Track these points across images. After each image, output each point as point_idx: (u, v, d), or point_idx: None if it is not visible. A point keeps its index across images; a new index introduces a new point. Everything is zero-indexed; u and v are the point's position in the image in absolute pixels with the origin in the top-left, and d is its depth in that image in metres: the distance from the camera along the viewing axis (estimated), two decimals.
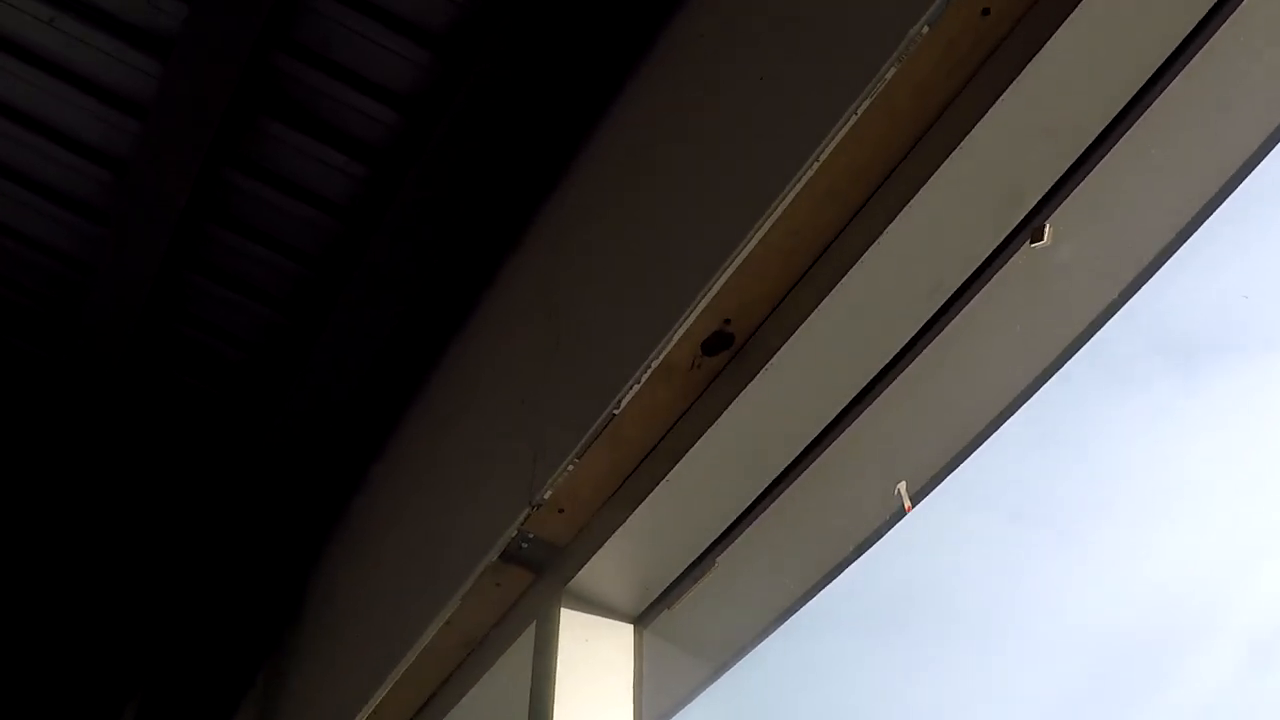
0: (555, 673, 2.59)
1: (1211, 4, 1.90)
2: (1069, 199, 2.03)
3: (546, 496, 2.67)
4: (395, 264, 4.03)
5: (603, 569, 2.70)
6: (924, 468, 2.31)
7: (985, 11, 2.00)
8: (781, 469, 2.45)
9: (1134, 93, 1.97)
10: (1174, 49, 1.94)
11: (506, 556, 2.86)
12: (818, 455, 2.40)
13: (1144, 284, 2.13)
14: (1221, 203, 2.05)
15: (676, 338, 2.37)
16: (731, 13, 2.73)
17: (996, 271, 2.11)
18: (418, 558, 3.42)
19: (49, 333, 4.66)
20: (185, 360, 4.64)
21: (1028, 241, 2.05)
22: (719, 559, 2.62)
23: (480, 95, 3.63)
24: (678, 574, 2.69)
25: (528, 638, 2.82)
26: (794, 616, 2.51)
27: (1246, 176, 2.02)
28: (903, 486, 2.25)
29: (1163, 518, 1.90)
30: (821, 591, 2.59)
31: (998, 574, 2.12)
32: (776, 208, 2.18)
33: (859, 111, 2.06)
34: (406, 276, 4.01)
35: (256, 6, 3.61)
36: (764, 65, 2.45)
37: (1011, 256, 2.09)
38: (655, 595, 2.74)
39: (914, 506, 2.22)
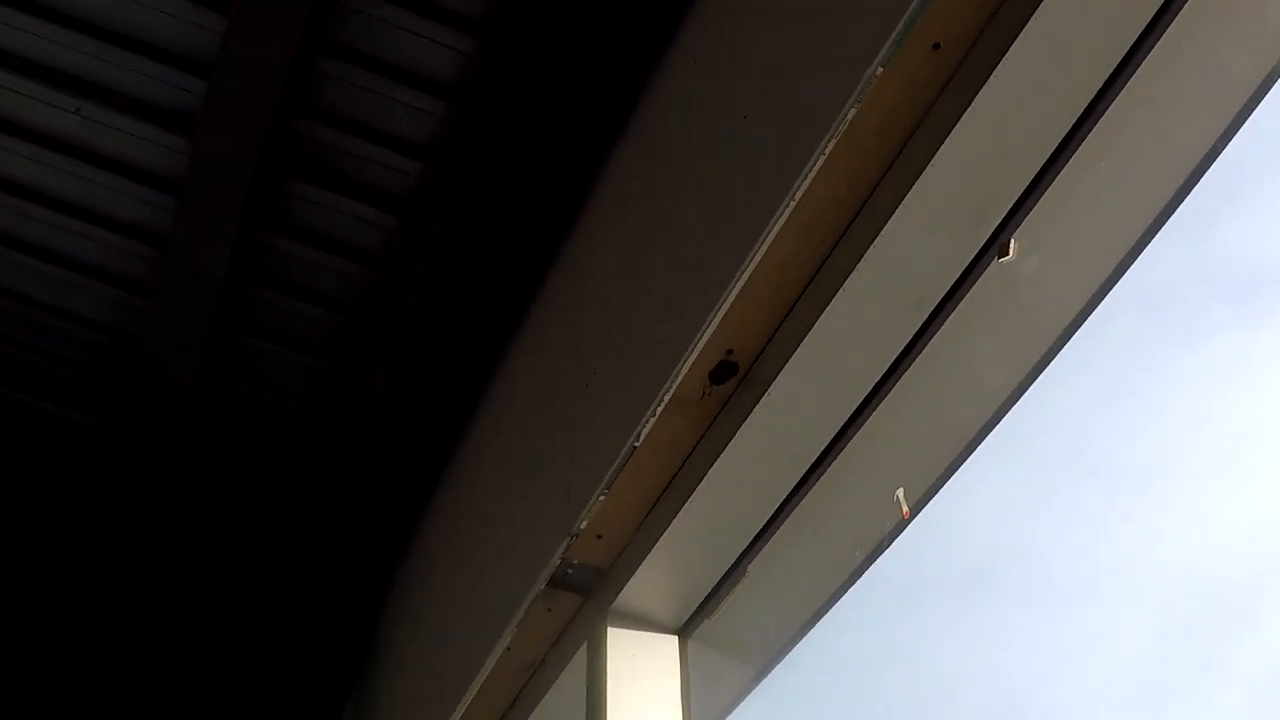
0: (606, 689, 2.75)
1: (1149, 19, 2.02)
2: (1030, 215, 2.16)
3: (583, 526, 2.83)
4: (431, 310, 4.19)
5: (643, 587, 2.86)
6: (921, 473, 2.45)
7: (936, 46, 2.14)
8: (796, 480, 2.60)
9: (1081, 109, 2.10)
10: (1116, 65, 2.06)
11: (554, 583, 3.02)
12: (827, 466, 2.54)
13: (1113, 285, 2.26)
14: (1181, 200, 2.17)
15: (684, 371, 2.52)
16: (714, 59, 2.88)
17: (971, 286, 2.24)
18: (474, 589, 3.59)
19: (105, 404, 4.84)
20: (240, 415, 4.81)
21: (996, 257, 2.19)
22: (750, 567, 2.77)
23: (493, 142, 3.79)
24: (713, 585, 2.84)
25: (580, 658, 2.98)
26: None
27: (1202, 175, 2.14)
28: (901, 493, 2.39)
29: (1237, 463, 1.92)
30: (864, 575, 2.72)
31: (1077, 531, 2.16)
32: (762, 243, 2.32)
33: (827, 151, 2.20)
34: (444, 320, 4.18)
35: (272, 79, 3.77)
36: (746, 106, 2.60)
37: (984, 271, 2.22)
38: (695, 606, 2.90)
39: (912, 513, 2.35)
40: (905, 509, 2.36)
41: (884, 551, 2.67)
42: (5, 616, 5.20)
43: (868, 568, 2.71)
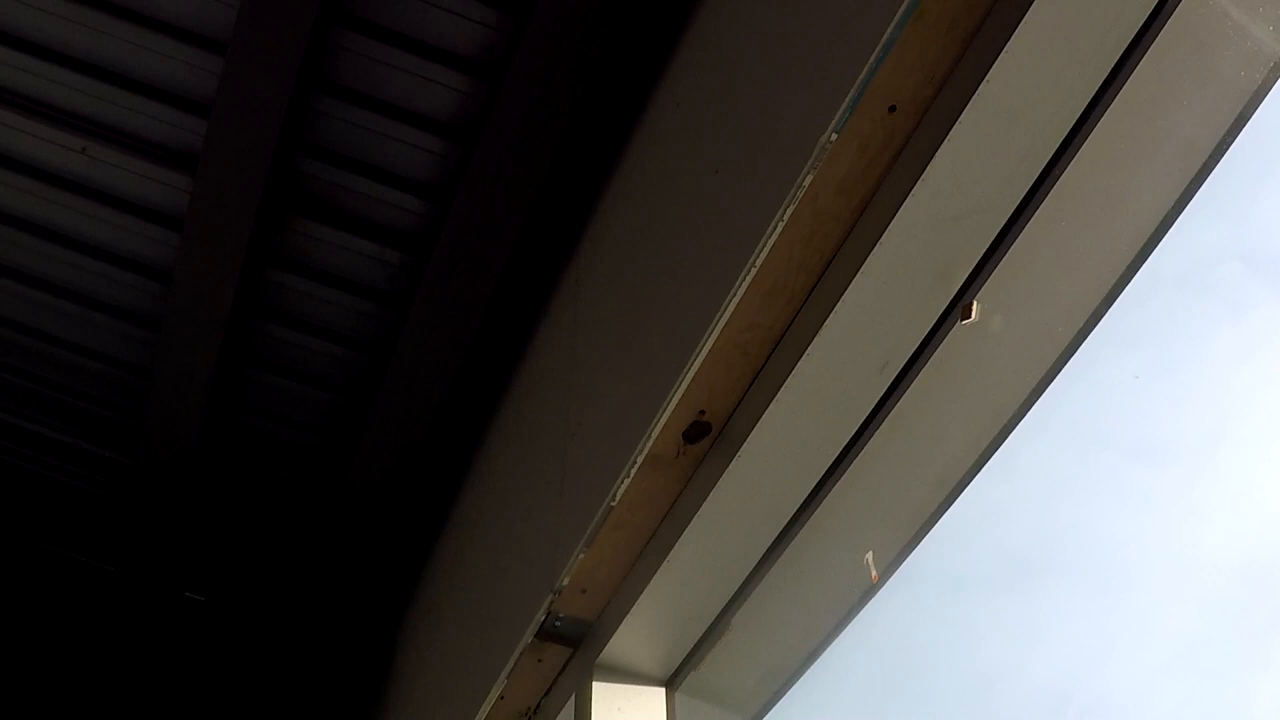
0: None
1: (1104, 77, 1.97)
2: (992, 276, 2.11)
3: (565, 582, 2.80)
4: (432, 345, 4.17)
5: (627, 641, 2.82)
6: (896, 530, 2.41)
7: (892, 108, 2.08)
8: (773, 537, 2.56)
9: (1040, 168, 2.04)
10: (1073, 123, 2.01)
11: (544, 635, 2.99)
12: (803, 522, 2.50)
13: (1082, 342, 2.21)
14: (1144, 261, 2.12)
15: (656, 432, 2.48)
16: (691, 115, 2.85)
17: (935, 349, 2.18)
18: (472, 636, 3.56)
19: (121, 436, 4.84)
20: (252, 447, 4.80)
21: (959, 319, 2.13)
22: (733, 620, 2.73)
23: (489, 184, 3.75)
24: (698, 638, 2.81)
25: (569, 709, 2.94)
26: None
27: (1167, 229, 2.09)
28: (870, 557, 2.35)
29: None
30: (851, 622, 2.69)
31: (1123, 515, 2.12)
32: (726, 308, 2.28)
33: (785, 216, 2.15)
34: (445, 355, 4.15)
35: (270, 118, 3.75)
36: (717, 165, 2.56)
37: (947, 333, 2.16)
38: (681, 659, 2.86)
39: (880, 576, 2.30)
40: (874, 573, 2.32)
41: (867, 603, 2.65)
42: (28, 644, 5.22)
43: (851, 619, 2.69)
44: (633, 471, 2.52)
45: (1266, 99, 1.98)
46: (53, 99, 4.00)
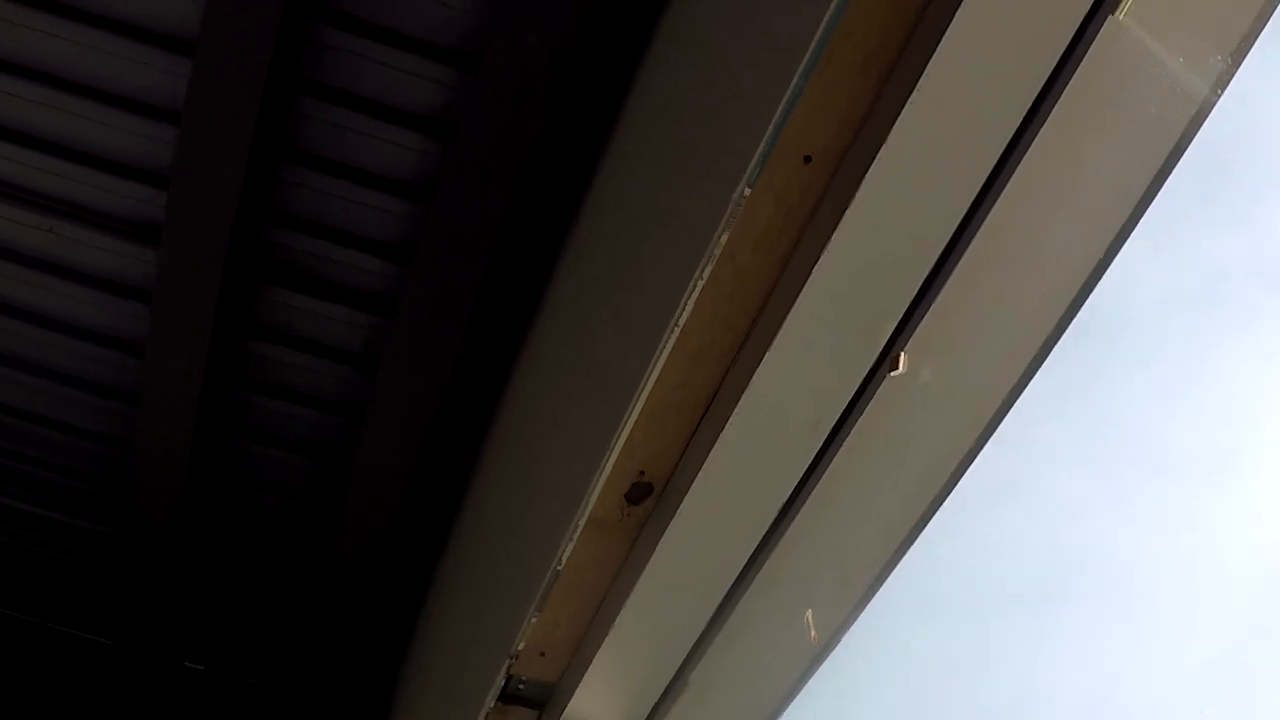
0: None
1: (1023, 114, 1.90)
2: (920, 326, 2.03)
3: (520, 646, 2.72)
4: (403, 408, 4.10)
5: (589, 702, 2.75)
6: (844, 583, 2.34)
7: (807, 159, 2.01)
8: (722, 594, 2.49)
9: (963, 212, 1.97)
10: (993, 165, 1.94)
11: (507, 698, 2.90)
12: (751, 578, 2.43)
13: (1024, 387, 2.13)
14: (1083, 302, 2.05)
15: (595, 495, 2.41)
16: (628, 177, 2.81)
17: (868, 403, 2.11)
18: (449, 700, 3.49)
19: (109, 510, 4.78)
20: (237, 515, 4.74)
21: (888, 371, 2.06)
22: (690, 677, 2.66)
23: (446, 243, 3.70)
24: (658, 696, 2.73)
25: None
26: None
27: (1106, 267, 2.02)
28: (809, 615, 2.28)
29: None
30: (804, 688, 2.63)
31: (1148, 530, 2.05)
32: (654, 369, 2.20)
33: (704, 275, 2.07)
34: (416, 417, 4.09)
35: (228, 187, 3.70)
36: (646, 225, 2.50)
37: (878, 388, 2.09)
38: (644, 718, 2.78)
39: (819, 637, 2.23)
40: (814, 633, 2.24)
41: (828, 655, 2.58)
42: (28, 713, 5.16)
43: (814, 671, 2.62)
44: (575, 535, 2.45)
45: (1199, 134, 1.92)
46: (16, 179, 3.95)
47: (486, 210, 3.53)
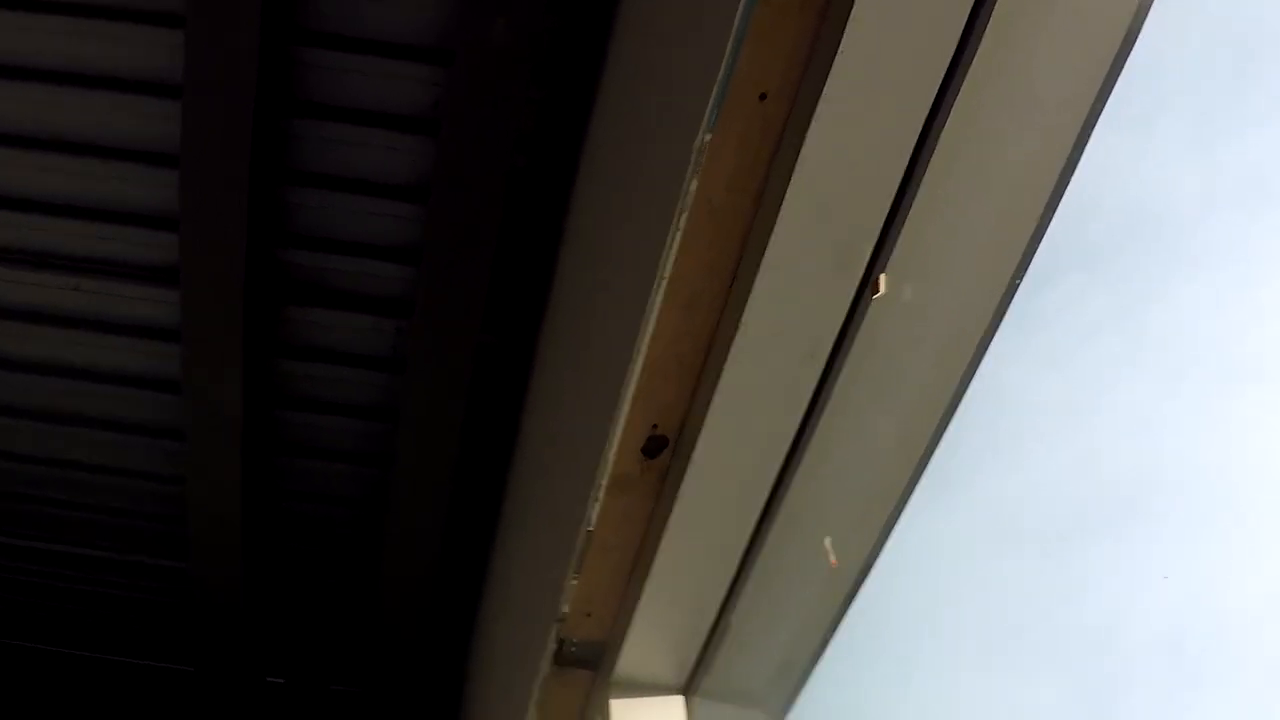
0: None
1: (960, 32, 1.86)
2: (895, 248, 2.01)
3: (566, 609, 2.73)
4: (436, 402, 4.10)
5: (638, 655, 2.74)
6: (865, 509, 2.32)
7: (763, 96, 1.98)
8: (749, 534, 2.47)
9: (916, 135, 1.94)
10: (939, 84, 1.91)
11: (562, 661, 2.91)
12: (774, 515, 2.41)
13: (1013, 294, 2.10)
14: (1057, 204, 2.01)
15: (613, 452, 2.40)
16: (615, 149, 2.81)
17: (857, 328, 2.09)
18: (511, 671, 3.50)
19: (171, 544, 4.80)
20: (293, 529, 4.75)
21: (870, 295, 2.04)
22: (731, 619, 2.64)
23: (449, 239, 3.68)
24: (703, 642, 2.72)
25: None
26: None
27: (1072, 170, 1.98)
28: (828, 542, 2.26)
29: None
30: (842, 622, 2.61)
31: (1217, 441, 2.00)
32: (648, 323, 2.19)
33: (681, 224, 2.05)
34: (447, 412, 4.08)
35: (235, 218, 3.69)
36: (630, 187, 2.50)
37: (865, 312, 2.07)
38: (692, 664, 2.78)
39: (839, 562, 2.21)
40: (833, 559, 2.22)
41: (863, 583, 2.56)
42: None
43: (850, 601, 2.60)
44: (600, 495, 2.44)
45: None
46: (36, 245, 3.96)
47: (482, 199, 3.52)
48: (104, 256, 3.97)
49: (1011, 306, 2.10)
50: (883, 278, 2.00)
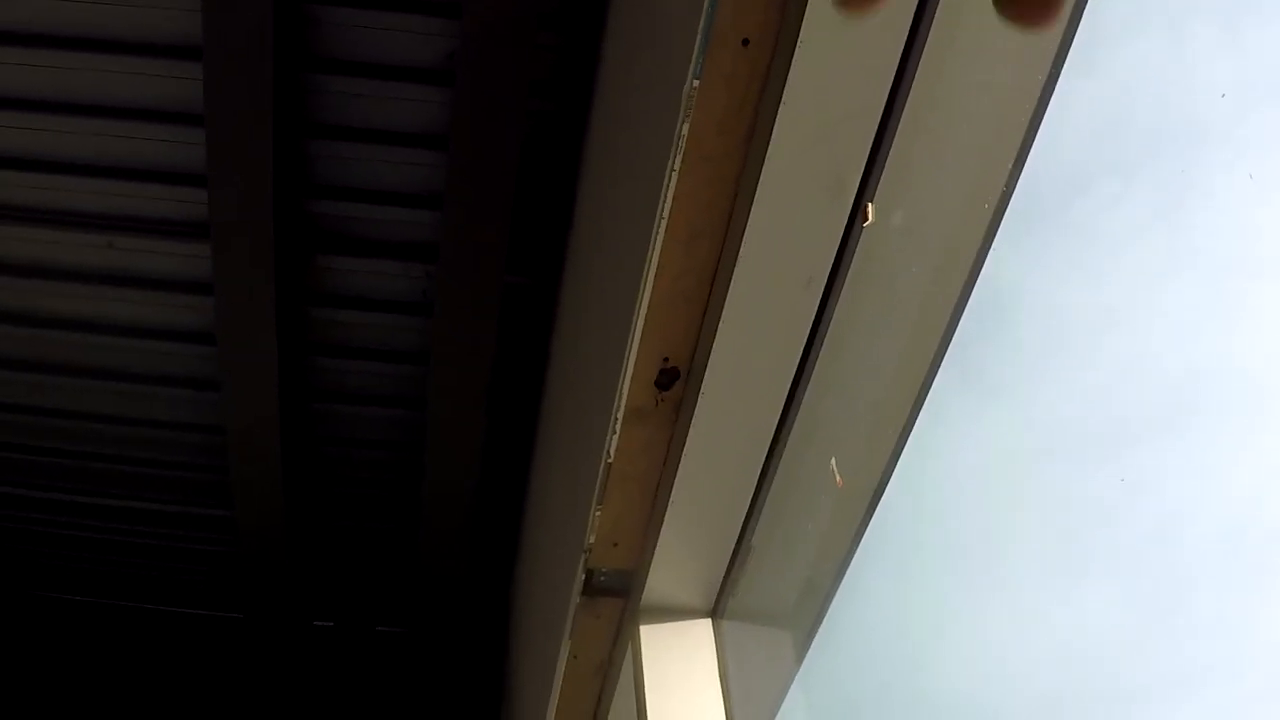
0: (644, 680, 2.79)
1: None
2: (882, 176, 2.12)
3: (592, 539, 2.87)
4: (465, 344, 4.24)
5: (664, 581, 2.88)
6: (873, 428, 2.44)
7: (745, 42, 2.10)
8: (761, 458, 2.60)
9: (895, 63, 2.05)
10: (911, 16, 2.02)
11: (592, 591, 3.05)
12: (785, 437, 2.54)
13: (1004, 212, 2.20)
14: (1039, 120, 2.10)
15: (628, 385, 2.54)
16: (622, 100, 2.91)
17: (851, 255, 2.21)
18: (546, 602, 3.66)
19: (215, 492, 4.98)
20: (332, 473, 4.93)
21: (861, 224, 2.16)
22: (752, 541, 2.78)
23: (469, 186, 3.82)
24: (726, 564, 2.85)
25: (629, 655, 3.02)
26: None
27: (1053, 85, 2.06)
28: (834, 462, 2.38)
29: None
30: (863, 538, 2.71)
31: (1266, 336, 2.03)
32: (652, 260, 2.32)
33: (676, 166, 2.18)
34: (477, 353, 4.23)
35: (261, 174, 3.83)
36: (633, 134, 2.62)
37: (857, 240, 2.19)
38: (718, 588, 2.91)
39: (845, 481, 2.33)
40: (839, 478, 2.35)
41: (879, 500, 2.66)
42: (178, 703, 5.38)
43: (868, 520, 2.70)
44: (618, 427, 2.58)
45: None
46: (71, 206, 4.12)
47: (499, 144, 3.64)
48: (136, 214, 4.12)
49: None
50: (870, 206, 2.11)
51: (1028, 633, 2.40)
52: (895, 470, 2.58)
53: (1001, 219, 2.20)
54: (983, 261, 2.24)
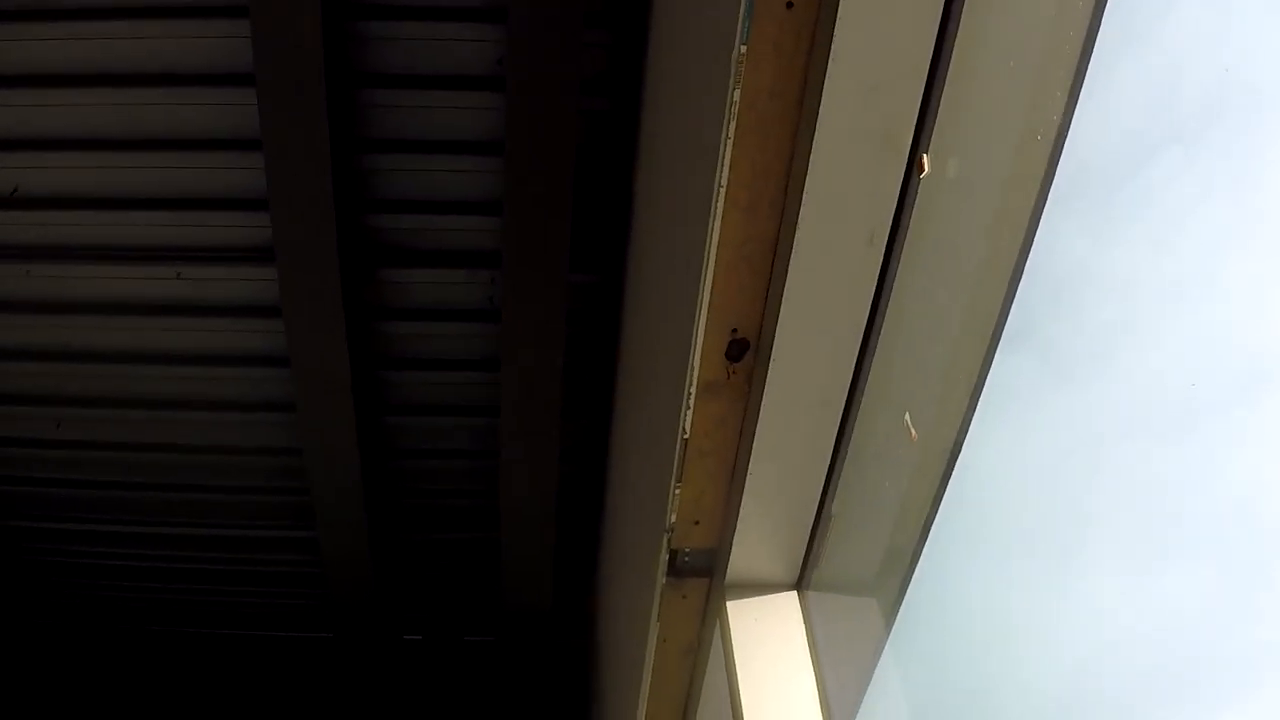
0: (734, 657, 2.81)
1: None
2: (935, 126, 2.15)
3: (673, 519, 2.89)
4: (537, 348, 4.29)
5: (748, 557, 2.90)
6: (945, 385, 2.46)
7: (789, 5, 2.14)
8: (836, 423, 2.62)
9: (939, 15, 2.08)
10: None
11: (678, 572, 3.08)
12: (858, 401, 2.56)
13: (1060, 155, 2.21)
14: (1088, 60, 2.11)
15: (699, 359, 2.57)
16: (674, 78, 2.94)
17: (911, 208, 2.24)
18: (631, 586, 3.69)
19: (297, 513, 5.05)
20: (411, 486, 4.98)
21: (918, 175, 2.19)
22: (833, 509, 2.79)
23: (528, 189, 3.87)
24: (808, 535, 2.87)
25: (718, 633, 3.04)
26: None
27: (1098, 26, 2.08)
28: (907, 417, 2.40)
29: None
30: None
31: None
32: (713, 233, 2.36)
33: (730, 133, 2.22)
34: (549, 357, 4.28)
35: (322, 193, 3.90)
36: (688, 107, 2.66)
37: (915, 192, 2.22)
38: (801, 559, 2.93)
39: (918, 435, 2.35)
40: (913, 432, 2.37)
41: (957, 457, 2.67)
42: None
43: (948, 477, 2.71)
44: (692, 402, 2.60)
45: None
46: (135, 241, 4.20)
47: (555, 145, 3.69)
48: (200, 243, 4.19)
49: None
50: (925, 157, 2.14)
51: (1112, 612, 2.38)
52: (971, 426, 2.58)
53: (1059, 160, 2.20)
54: (1042, 206, 2.25)
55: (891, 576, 2.91)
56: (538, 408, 4.42)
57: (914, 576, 2.84)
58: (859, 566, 2.91)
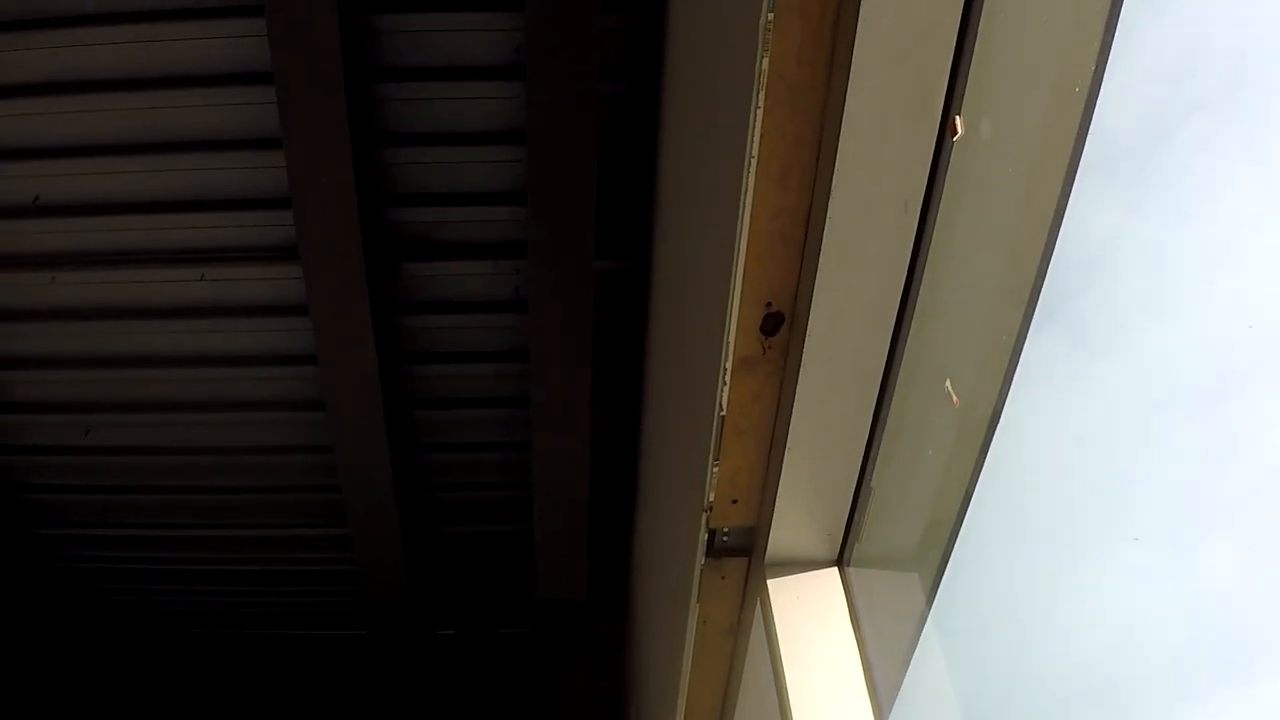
0: (777, 639, 2.78)
1: None
2: (966, 89, 2.12)
3: (712, 498, 2.86)
4: (566, 337, 4.26)
5: (788, 534, 2.86)
6: (982, 353, 2.42)
7: None
8: (874, 396, 2.58)
9: None
10: None
11: (717, 552, 3.04)
12: (895, 374, 2.52)
13: (1093, 111, 2.17)
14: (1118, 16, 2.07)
15: (734, 334, 2.54)
16: (695, 54, 2.91)
17: (945, 172, 2.20)
18: (669, 569, 3.66)
19: (329, 511, 5.03)
20: (441, 478, 4.96)
21: (951, 138, 2.15)
22: (872, 484, 2.75)
23: (552, 179, 3.84)
24: (848, 510, 2.83)
25: (759, 612, 3.01)
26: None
27: None
28: (949, 383, 2.37)
29: None
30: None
31: None
32: (746, 206, 2.33)
33: (760, 102, 2.19)
34: (578, 346, 4.25)
35: (344, 188, 3.88)
36: (715, 81, 2.63)
37: (949, 157, 2.18)
38: (841, 535, 2.89)
39: (960, 401, 2.32)
40: (955, 398, 2.33)
41: (996, 426, 2.63)
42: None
43: (988, 445, 2.67)
44: (728, 378, 2.57)
45: None
46: (158, 244, 4.18)
47: (576, 132, 3.66)
48: (224, 244, 4.17)
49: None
50: (958, 119, 2.10)
51: (1155, 583, 2.35)
52: (1010, 391, 2.53)
53: (1091, 117, 2.16)
54: (1076, 166, 2.20)
55: (932, 550, 2.86)
56: (567, 397, 4.40)
57: (954, 549, 2.80)
58: (900, 541, 2.86)
